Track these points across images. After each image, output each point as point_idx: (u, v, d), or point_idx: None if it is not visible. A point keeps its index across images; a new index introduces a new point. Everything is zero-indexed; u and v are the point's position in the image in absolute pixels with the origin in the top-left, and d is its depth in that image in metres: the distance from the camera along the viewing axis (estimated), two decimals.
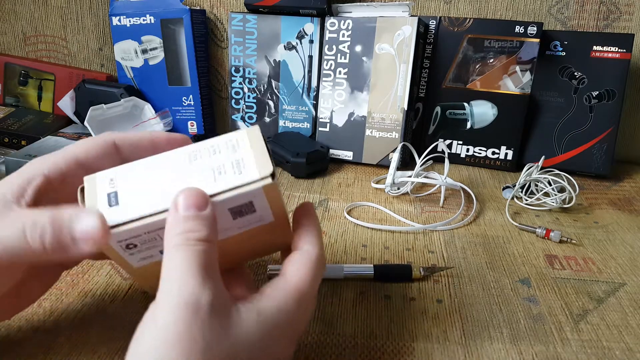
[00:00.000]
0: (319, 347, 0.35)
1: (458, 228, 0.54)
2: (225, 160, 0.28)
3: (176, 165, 0.29)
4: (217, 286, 0.25)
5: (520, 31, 0.68)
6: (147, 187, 0.28)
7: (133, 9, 0.75)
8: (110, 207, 0.28)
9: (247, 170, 0.28)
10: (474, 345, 0.36)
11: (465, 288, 0.43)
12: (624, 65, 0.68)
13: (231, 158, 0.28)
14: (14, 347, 0.34)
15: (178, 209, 0.26)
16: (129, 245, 0.29)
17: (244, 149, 0.29)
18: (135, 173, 0.29)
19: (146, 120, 0.73)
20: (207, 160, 0.29)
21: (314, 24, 0.73)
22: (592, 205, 0.62)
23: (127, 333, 0.36)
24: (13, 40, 0.83)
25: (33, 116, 0.77)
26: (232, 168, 0.28)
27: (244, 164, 0.28)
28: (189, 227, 0.26)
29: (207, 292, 0.24)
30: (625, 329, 0.39)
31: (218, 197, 0.28)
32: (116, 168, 0.30)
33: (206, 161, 0.29)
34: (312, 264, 0.29)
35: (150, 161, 0.30)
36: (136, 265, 0.31)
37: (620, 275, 0.46)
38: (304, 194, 0.62)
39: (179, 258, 0.25)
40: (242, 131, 0.30)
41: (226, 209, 0.29)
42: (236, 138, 0.29)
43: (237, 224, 0.30)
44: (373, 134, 0.71)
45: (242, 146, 0.29)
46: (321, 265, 0.30)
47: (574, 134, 0.71)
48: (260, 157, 0.28)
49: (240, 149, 0.29)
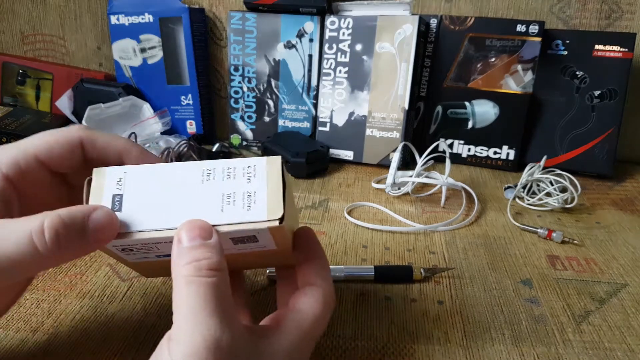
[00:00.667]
0: (319, 350, 0.35)
1: (459, 229, 0.54)
2: (237, 189, 0.27)
3: (188, 182, 0.28)
4: (235, 323, 0.24)
5: (521, 30, 0.68)
6: (153, 199, 0.27)
7: (131, 7, 0.75)
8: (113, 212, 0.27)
9: (257, 208, 0.27)
10: (475, 347, 0.36)
11: (467, 289, 0.43)
12: (626, 65, 0.67)
13: (244, 188, 0.27)
14: (12, 348, 0.34)
15: (182, 242, 0.25)
16: (125, 249, 0.29)
17: (260, 180, 0.27)
18: (145, 179, 0.28)
19: (145, 119, 0.73)
20: (219, 183, 0.28)
21: (314, 23, 0.72)
22: (594, 206, 0.61)
23: (127, 334, 0.35)
24: (11, 39, 0.83)
25: (31, 116, 0.76)
26: (242, 200, 0.27)
27: (255, 199, 0.27)
28: (196, 255, 0.25)
29: (226, 332, 0.23)
30: (627, 330, 0.38)
31: (221, 228, 0.27)
32: (128, 167, 0.29)
33: (218, 184, 0.28)
34: (326, 300, 0.29)
35: (164, 169, 0.29)
36: (131, 261, 0.31)
37: (622, 275, 0.46)
38: (304, 194, 0.61)
39: (193, 293, 0.23)
40: (262, 159, 0.28)
41: (228, 238, 0.28)
42: (255, 165, 0.28)
43: (237, 248, 0.30)
44: (373, 133, 0.71)
45: (259, 177, 0.28)
46: (333, 300, 0.30)
47: (575, 134, 0.70)
48: (273, 195, 0.27)
49: (255, 180, 0.28)
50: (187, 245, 0.25)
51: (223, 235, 0.27)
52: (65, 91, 0.77)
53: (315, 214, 0.56)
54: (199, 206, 0.27)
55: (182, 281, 0.24)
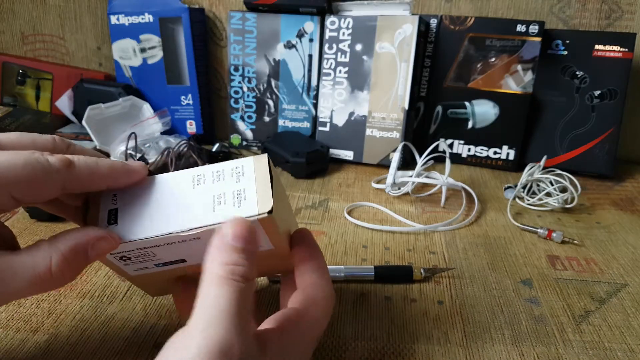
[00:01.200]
0: (319, 350, 0.35)
1: (459, 229, 0.54)
2: (227, 189, 0.28)
3: (179, 189, 0.29)
4: (249, 334, 0.25)
5: (521, 30, 0.68)
6: (147, 208, 0.29)
7: (131, 7, 0.75)
8: (108, 226, 0.28)
9: (247, 204, 0.28)
10: (475, 347, 0.36)
11: (467, 289, 0.43)
12: (626, 65, 0.67)
13: (233, 187, 0.28)
14: (12, 348, 0.34)
15: (227, 236, 0.26)
16: (122, 257, 0.29)
17: (248, 178, 0.29)
18: (138, 191, 0.29)
19: (145, 119, 0.73)
20: (209, 186, 0.29)
21: (314, 23, 0.72)
22: (594, 206, 0.61)
23: (127, 334, 0.35)
24: (11, 39, 0.83)
25: (31, 116, 0.77)
26: (232, 199, 0.28)
27: (245, 195, 0.28)
28: (235, 259, 0.25)
29: (240, 341, 0.23)
30: (627, 330, 0.38)
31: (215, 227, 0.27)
32: None
33: (209, 187, 0.29)
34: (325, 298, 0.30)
35: (157, 181, 0.30)
36: (132, 274, 0.32)
37: (622, 275, 0.46)
38: (304, 194, 0.61)
39: (223, 294, 0.24)
40: (249, 159, 0.29)
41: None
42: (242, 165, 0.29)
43: None
44: (373, 133, 0.71)
45: (247, 175, 0.29)
46: (332, 298, 0.31)
47: (576, 134, 0.70)
48: (262, 190, 0.28)
49: (243, 179, 0.29)
50: (230, 243, 0.25)
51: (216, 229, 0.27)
52: (65, 91, 0.77)
53: (315, 214, 0.56)
54: (191, 209, 0.28)
55: (216, 280, 0.25)
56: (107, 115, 0.70)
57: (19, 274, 0.25)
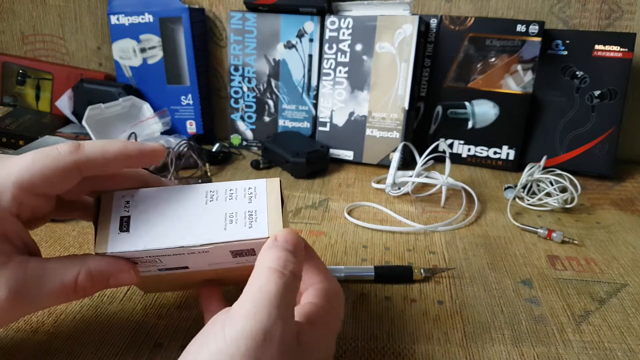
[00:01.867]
0: None
1: (459, 229, 0.54)
2: (239, 209, 0.30)
3: (192, 204, 0.30)
4: (291, 325, 0.26)
5: (521, 30, 0.68)
6: (159, 219, 0.29)
7: (131, 7, 0.75)
8: (120, 233, 0.29)
9: (258, 226, 0.29)
10: (475, 347, 0.36)
11: (467, 289, 0.43)
12: (626, 65, 0.67)
13: (245, 207, 0.30)
14: (13, 348, 0.34)
15: (278, 240, 0.28)
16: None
17: (260, 200, 0.30)
18: (151, 201, 0.30)
19: (144, 119, 0.73)
20: (222, 203, 0.30)
21: (314, 23, 0.72)
22: (594, 206, 0.61)
23: (127, 334, 0.35)
24: (11, 39, 0.83)
25: (31, 116, 0.76)
26: (244, 219, 0.29)
27: (256, 217, 0.29)
28: (286, 256, 0.27)
29: (282, 328, 0.25)
30: (627, 330, 0.38)
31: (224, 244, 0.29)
32: (134, 190, 0.31)
33: (221, 205, 0.30)
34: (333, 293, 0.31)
35: (170, 192, 0.30)
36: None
37: (622, 275, 0.46)
38: (304, 194, 0.61)
39: (273, 282, 0.26)
40: (262, 181, 0.31)
41: (228, 250, 0.30)
42: (255, 186, 0.30)
43: (235, 261, 0.31)
44: (373, 133, 0.71)
45: (259, 197, 0.30)
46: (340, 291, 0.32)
47: (576, 134, 0.70)
48: (273, 214, 0.29)
49: (255, 200, 0.30)
50: (282, 245, 0.27)
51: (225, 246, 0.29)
52: (65, 91, 0.77)
53: (315, 214, 0.56)
54: (203, 225, 0.29)
55: (268, 271, 0.26)
56: (107, 115, 0.70)
57: (50, 279, 0.27)
